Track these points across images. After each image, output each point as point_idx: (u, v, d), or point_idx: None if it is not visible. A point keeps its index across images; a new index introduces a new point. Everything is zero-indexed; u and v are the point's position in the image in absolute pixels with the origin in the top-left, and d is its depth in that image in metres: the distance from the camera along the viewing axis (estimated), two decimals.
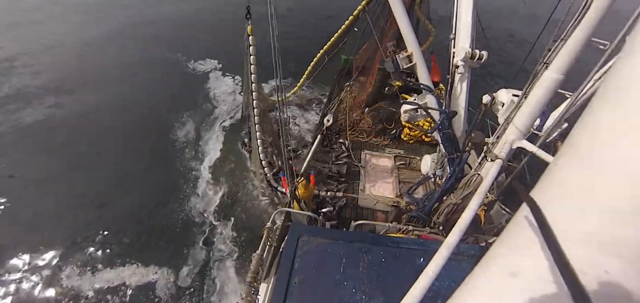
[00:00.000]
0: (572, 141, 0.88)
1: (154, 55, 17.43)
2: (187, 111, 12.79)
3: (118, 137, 11.44)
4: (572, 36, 3.13)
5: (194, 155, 10.81)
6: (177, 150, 10.99)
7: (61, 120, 12.12)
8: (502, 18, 23.00)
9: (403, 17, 5.17)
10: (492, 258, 0.95)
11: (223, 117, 12.75)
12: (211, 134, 11.81)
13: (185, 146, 11.16)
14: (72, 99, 13.42)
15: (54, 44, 18.06)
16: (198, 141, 11.43)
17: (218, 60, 16.90)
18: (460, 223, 1.55)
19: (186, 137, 11.57)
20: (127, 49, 17.99)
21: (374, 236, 3.89)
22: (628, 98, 0.76)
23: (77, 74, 15.32)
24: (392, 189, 7.06)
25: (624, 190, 0.70)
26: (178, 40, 19.30)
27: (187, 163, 10.48)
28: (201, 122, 12.38)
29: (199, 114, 12.80)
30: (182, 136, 11.61)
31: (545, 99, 3.56)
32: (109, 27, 20.59)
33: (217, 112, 13.05)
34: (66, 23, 21.25)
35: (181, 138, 11.52)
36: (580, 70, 3.14)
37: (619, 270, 0.68)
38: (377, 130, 8.41)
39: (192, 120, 12.43)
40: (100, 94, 13.83)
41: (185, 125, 12.12)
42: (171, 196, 9.29)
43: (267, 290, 3.93)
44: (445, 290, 2.53)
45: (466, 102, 5.48)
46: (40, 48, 17.61)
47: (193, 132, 11.86)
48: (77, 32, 19.76)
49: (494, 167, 2.83)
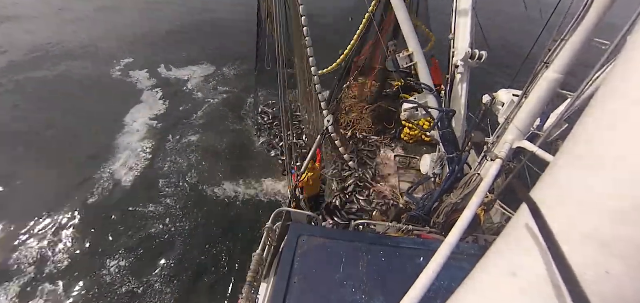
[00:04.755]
0: (572, 141, 0.88)
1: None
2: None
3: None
4: (572, 36, 3.13)
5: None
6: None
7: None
8: (502, 18, 23.01)
9: (404, 17, 5.17)
10: (492, 258, 0.95)
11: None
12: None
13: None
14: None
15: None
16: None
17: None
18: (460, 223, 1.55)
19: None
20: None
21: (374, 236, 3.89)
22: (628, 98, 0.76)
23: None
24: (392, 189, 7.06)
25: (624, 190, 0.70)
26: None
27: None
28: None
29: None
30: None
31: (546, 99, 3.56)
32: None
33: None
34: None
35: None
36: (580, 70, 3.14)
37: (619, 270, 0.68)
38: (377, 130, 8.40)
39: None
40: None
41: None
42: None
43: (267, 290, 3.94)
44: (445, 290, 2.53)
45: (466, 102, 5.48)
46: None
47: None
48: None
49: (494, 167, 2.82)
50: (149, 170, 10.10)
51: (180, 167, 10.22)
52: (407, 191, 6.12)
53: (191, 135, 11.68)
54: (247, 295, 3.13)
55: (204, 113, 13.08)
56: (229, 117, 12.85)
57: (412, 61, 5.23)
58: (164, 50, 18.12)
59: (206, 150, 10.97)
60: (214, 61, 17.06)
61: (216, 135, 11.73)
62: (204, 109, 13.34)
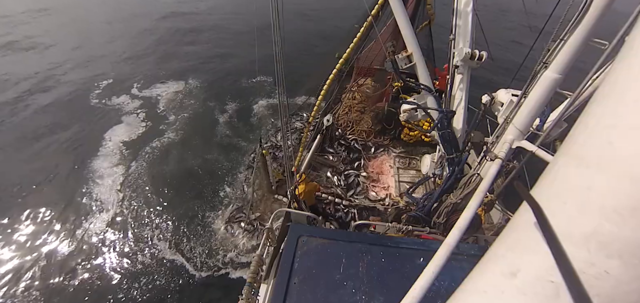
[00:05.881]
0: (572, 141, 0.88)
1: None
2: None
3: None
4: (571, 36, 3.13)
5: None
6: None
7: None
8: (502, 17, 23.03)
9: (403, 17, 5.17)
10: (492, 258, 0.95)
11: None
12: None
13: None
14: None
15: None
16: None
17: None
18: (460, 223, 1.55)
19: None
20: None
21: (374, 236, 3.89)
22: (627, 98, 0.76)
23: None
24: (392, 189, 7.06)
25: (623, 190, 0.70)
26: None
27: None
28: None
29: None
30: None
31: (545, 99, 3.57)
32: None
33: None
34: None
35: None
36: (581, 70, 3.14)
37: (619, 270, 0.68)
38: (377, 130, 8.41)
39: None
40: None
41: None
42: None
43: (267, 290, 3.94)
44: (445, 290, 2.53)
45: (466, 102, 5.47)
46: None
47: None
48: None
49: (494, 166, 2.83)
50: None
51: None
52: (407, 191, 6.12)
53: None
54: (247, 296, 3.12)
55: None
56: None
57: (411, 62, 5.22)
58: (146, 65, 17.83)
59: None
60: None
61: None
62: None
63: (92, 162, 10.81)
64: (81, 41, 20.84)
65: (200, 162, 10.89)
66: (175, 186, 9.95)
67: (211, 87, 15.64)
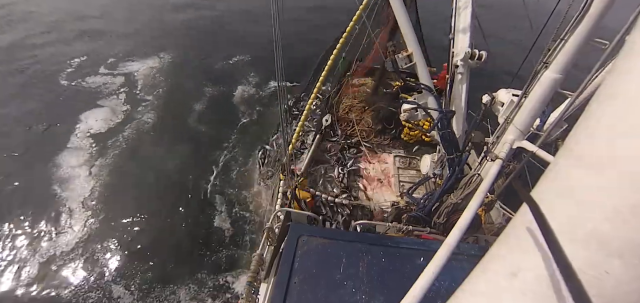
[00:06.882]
0: (572, 141, 0.88)
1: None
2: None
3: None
4: (572, 36, 3.13)
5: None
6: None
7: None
8: (501, 17, 22.99)
9: (403, 15, 5.15)
10: (492, 258, 0.95)
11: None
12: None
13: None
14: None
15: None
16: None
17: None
18: (460, 223, 1.55)
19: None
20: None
21: (374, 236, 3.89)
22: (627, 98, 0.76)
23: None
24: (392, 189, 7.05)
25: (623, 190, 0.70)
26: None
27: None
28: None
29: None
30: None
31: (545, 99, 3.56)
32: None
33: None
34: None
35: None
36: (580, 70, 3.14)
37: (619, 270, 0.68)
38: (377, 130, 8.40)
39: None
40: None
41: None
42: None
43: (267, 290, 3.94)
44: (445, 290, 2.53)
45: (466, 102, 5.47)
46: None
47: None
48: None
49: (494, 167, 2.83)
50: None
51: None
52: (407, 191, 6.12)
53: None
54: (247, 295, 3.13)
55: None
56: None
57: (411, 61, 5.22)
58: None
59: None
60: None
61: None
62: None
63: (62, 154, 10.47)
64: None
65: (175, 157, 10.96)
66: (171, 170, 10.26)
67: (185, 68, 15.56)
